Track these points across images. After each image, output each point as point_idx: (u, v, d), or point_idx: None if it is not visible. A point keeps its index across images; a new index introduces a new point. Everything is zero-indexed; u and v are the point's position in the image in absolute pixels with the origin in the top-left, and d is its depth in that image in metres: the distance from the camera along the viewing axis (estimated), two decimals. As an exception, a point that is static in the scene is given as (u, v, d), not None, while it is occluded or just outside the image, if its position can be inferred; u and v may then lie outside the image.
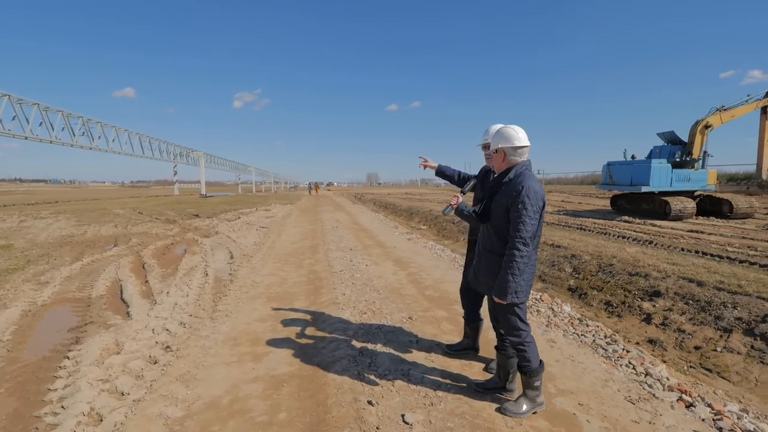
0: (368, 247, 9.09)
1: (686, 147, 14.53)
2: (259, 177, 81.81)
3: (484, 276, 2.54)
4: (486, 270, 2.51)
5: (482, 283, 2.58)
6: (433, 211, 17.09)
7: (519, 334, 2.47)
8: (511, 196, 2.34)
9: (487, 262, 2.51)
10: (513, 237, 2.31)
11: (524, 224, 2.28)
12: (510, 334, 2.50)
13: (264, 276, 6.42)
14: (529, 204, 2.29)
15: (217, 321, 4.39)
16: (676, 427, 2.40)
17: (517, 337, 2.48)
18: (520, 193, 2.31)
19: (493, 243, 2.47)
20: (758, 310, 4.84)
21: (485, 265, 2.52)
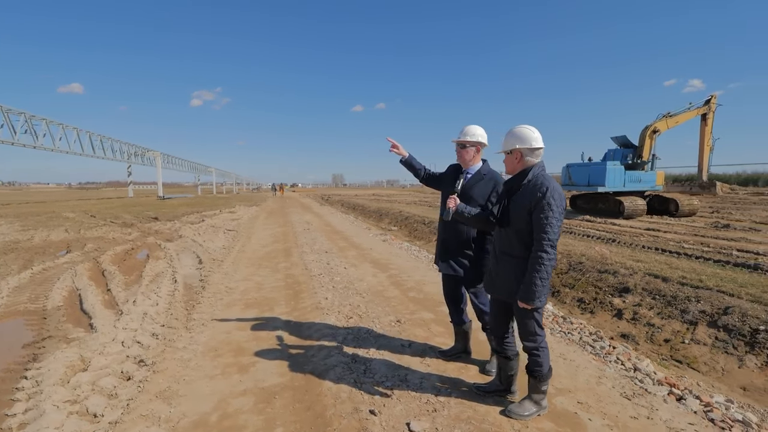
0: (344, 249, 8.93)
1: (637, 150, 15.69)
2: (219, 178, 79.12)
3: (503, 280, 2.46)
4: (506, 274, 2.43)
5: (500, 288, 2.49)
6: (403, 212, 17.13)
7: (535, 339, 2.43)
8: (534, 198, 2.27)
9: (507, 266, 2.43)
10: (540, 240, 2.24)
11: (552, 227, 2.22)
12: (526, 338, 2.45)
13: (238, 281, 6.14)
14: (555, 206, 2.24)
15: (193, 331, 4.13)
16: (673, 420, 2.48)
17: (534, 342, 2.44)
18: (545, 195, 2.24)
19: (513, 246, 2.39)
20: (719, 303, 5.12)
21: (505, 269, 2.44)
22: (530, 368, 2.50)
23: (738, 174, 35.18)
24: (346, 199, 32.70)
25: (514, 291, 2.37)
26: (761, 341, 4.27)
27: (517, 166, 2.44)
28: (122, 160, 37.81)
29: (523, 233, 2.34)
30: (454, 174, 3.12)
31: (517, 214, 2.35)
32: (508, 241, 2.43)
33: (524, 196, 2.33)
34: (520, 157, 2.41)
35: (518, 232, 2.36)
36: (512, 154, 2.45)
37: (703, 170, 21.57)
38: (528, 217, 2.30)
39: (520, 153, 2.41)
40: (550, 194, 2.24)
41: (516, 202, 2.37)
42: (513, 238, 2.39)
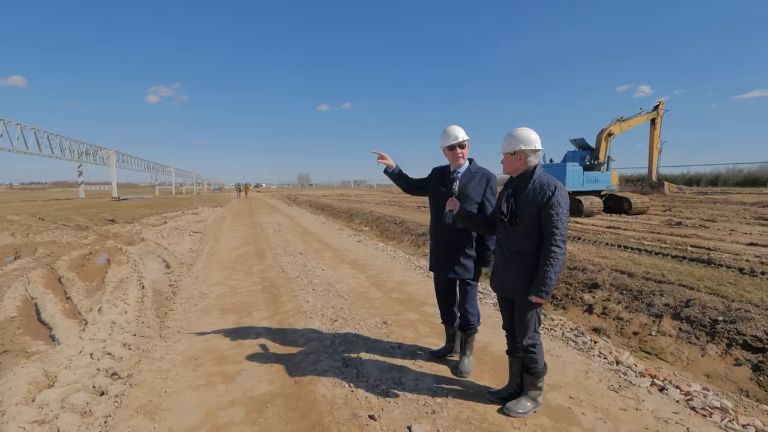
0: (318, 250, 8.79)
1: (594, 152, 16.73)
2: (179, 178, 75.84)
3: (513, 279, 2.47)
4: (517, 273, 2.45)
5: (511, 287, 2.50)
6: (374, 213, 17.10)
7: (534, 336, 2.49)
8: (544, 197, 2.33)
9: (517, 266, 2.45)
10: (551, 236, 2.31)
11: (562, 222, 2.30)
12: (524, 335, 2.49)
13: (212, 286, 5.89)
14: (564, 203, 2.33)
15: (169, 339, 3.91)
16: (659, 410, 2.60)
17: (532, 339, 2.49)
18: (554, 193, 2.32)
19: (523, 245, 2.43)
20: (681, 296, 5.43)
21: (515, 269, 2.46)
22: (526, 365, 2.55)
23: (683, 174, 37.86)
24: (314, 200, 32.29)
25: (525, 288, 2.41)
26: (720, 331, 4.55)
27: (520, 166, 2.49)
28: (72, 159, 35.44)
29: (533, 231, 2.39)
30: (441, 176, 3.12)
31: (526, 213, 2.39)
32: (518, 241, 2.45)
33: (532, 195, 2.39)
34: (524, 159, 2.47)
35: (528, 230, 2.40)
36: (515, 155, 2.49)
37: (652, 171, 23.14)
38: (537, 216, 2.36)
39: (524, 154, 2.46)
40: (559, 192, 2.33)
41: (524, 201, 2.42)
42: (523, 237, 2.43)
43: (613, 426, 2.43)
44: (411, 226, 12.45)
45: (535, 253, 2.39)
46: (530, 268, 2.40)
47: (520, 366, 2.66)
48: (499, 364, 3.26)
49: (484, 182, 2.98)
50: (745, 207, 15.82)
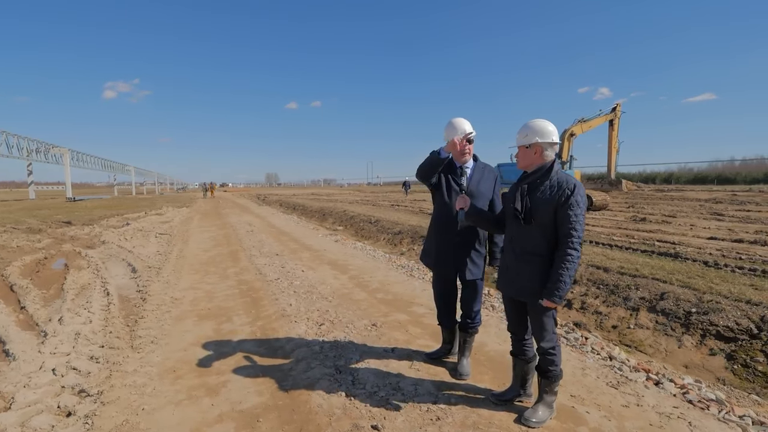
0: (295, 251, 8.53)
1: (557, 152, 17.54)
2: (139, 178, 72.34)
3: (526, 281, 2.33)
4: (529, 274, 2.31)
5: (522, 289, 2.37)
6: (348, 212, 16.89)
7: (552, 338, 2.38)
8: (563, 196, 2.19)
9: (529, 266, 2.31)
10: (569, 237, 2.18)
11: (580, 224, 2.17)
12: (543, 338, 2.38)
13: (184, 291, 5.56)
14: (583, 204, 2.19)
15: (142, 350, 3.61)
16: (659, 405, 2.61)
17: (550, 342, 2.38)
18: (573, 192, 2.18)
19: (538, 245, 2.29)
20: (655, 289, 5.60)
21: (528, 270, 2.32)
22: (544, 369, 2.42)
23: (640, 173, 39.92)
24: (284, 199, 31.62)
25: (538, 291, 2.28)
26: (694, 322, 4.71)
27: (535, 160, 2.34)
28: (20, 157, 33.02)
29: (547, 231, 2.26)
30: (449, 169, 2.97)
31: (542, 211, 2.25)
32: (531, 240, 2.31)
33: (549, 193, 2.25)
34: (540, 152, 2.32)
35: (542, 229, 2.27)
36: (530, 148, 2.34)
37: (611, 169, 24.29)
38: (553, 215, 2.23)
39: (541, 148, 2.32)
40: (578, 191, 2.19)
41: (540, 199, 2.27)
42: (537, 236, 2.29)
43: (618, 423, 2.41)
44: (386, 224, 12.36)
45: (549, 253, 2.27)
46: (543, 270, 2.27)
47: (525, 368, 2.59)
48: (496, 365, 3.20)
49: (493, 178, 2.91)
50: (700, 203, 16.77)
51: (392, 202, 23.47)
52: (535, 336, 2.44)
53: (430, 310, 4.53)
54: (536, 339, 2.43)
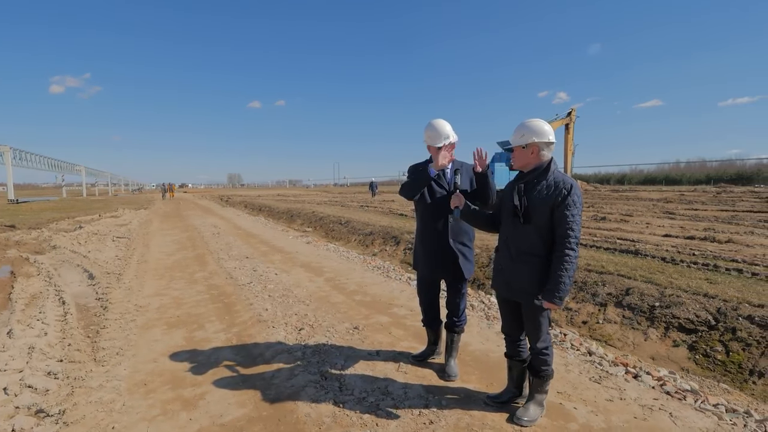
0: (266, 253, 8.28)
1: None
2: (90, 178, 68.05)
3: (523, 282, 2.31)
4: (526, 275, 2.29)
5: (519, 289, 2.35)
6: (317, 213, 16.65)
7: (546, 338, 2.39)
8: (560, 196, 2.18)
9: (526, 267, 2.29)
10: (566, 238, 2.16)
11: (577, 224, 2.17)
12: (538, 339, 2.38)
13: (149, 297, 5.24)
14: (579, 203, 2.19)
15: (107, 363, 3.35)
16: (641, 398, 2.70)
17: (544, 342, 2.38)
18: (570, 192, 2.17)
19: (535, 245, 2.27)
20: (621, 285, 5.84)
21: (525, 270, 2.30)
22: (536, 369, 2.43)
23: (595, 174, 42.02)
24: (249, 200, 30.76)
25: (535, 292, 2.26)
26: (658, 316, 4.95)
27: (532, 160, 2.33)
28: (-47, 155, 30.22)
29: (543, 231, 2.25)
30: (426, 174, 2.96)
31: (539, 211, 2.24)
32: (528, 241, 2.29)
33: (546, 193, 2.24)
34: (537, 152, 2.31)
35: (539, 229, 2.25)
36: (527, 148, 2.33)
37: (567, 171, 25.47)
38: (550, 215, 2.22)
39: (538, 147, 2.30)
40: (575, 191, 2.19)
41: (537, 198, 2.26)
42: (533, 236, 2.27)
43: (605, 418, 2.47)
44: (357, 225, 12.27)
45: (545, 254, 2.25)
46: (540, 270, 2.25)
47: (520, 369, 2.59)
48: (481, 365, 3.21)
49: (470, 172, 2.90)
50: (653, 203, 17.81)
51: (361, 203, 23.36)
52: (529, 336, 2.44)
53: (411, 312, 4.50)
54: (530, 339, 2.43)
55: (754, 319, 4.21)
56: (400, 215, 14.89)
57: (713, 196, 21.24)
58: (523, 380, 2.62)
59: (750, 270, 5.92)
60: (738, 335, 4.12)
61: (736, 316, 4.35)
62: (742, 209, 14.11)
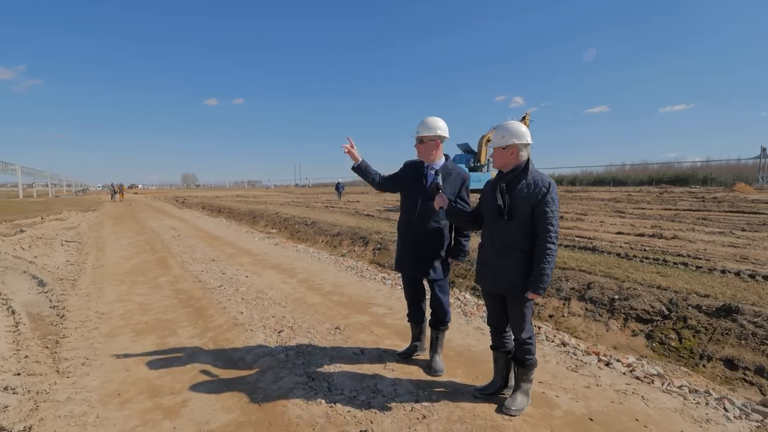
0: (233, 256, 8.02)
1: (476, 155, 19.18)
2: (27, 178, 62.67)
3: (507, 275, 2.43)
4: (511, 268, 2.42)
5: (503, 283, 2.47)
6: (280, 214, 16.35)
7: (529, 329, 2.51)
8: (540, 194, 2.33)
9: (511, 261, 2.42)
10: (546, 233, 2.33)
11: (556, 220, 2.33)
12: (521, 330, 2.50)
13: (111, 304, 4.93)
14: (556, 200, 2.36)
15: (72, 374, 3.13)
16: (615, 383, 2.89)
17: (528, 333, 2.50)
18: (549, 191, 2.33)
19: (518, 241, 2.40)
20: (583, 280, 6.17)
21: (509, 264, 2.42)
22: (521, 358, 2.55)
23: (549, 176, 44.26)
24: (207, 202, 29.62)
25: (520, 284, 2.39)
26: (618, 308, 5.28)
27: (511, 160, 2.47)
28: None
29: (526, 227, 2.39)
30: (415, 172, 3.02)
31: (520, 209, 2.37)
32: (512, 237, 2.43)
33: (527, 191, 2.37)
34: (516, 153, 2.45)
35: (522, 225, 2.39)
36: (507, 149, 2.47)
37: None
38: (530, 212, 2.36)
39: (516, 149, 2.44)
40: (553, 189, 2.35)
41: (518, 197, 2.39)
42: (517, 232, 2.41)
43: (586, 404, 2.62)
44: (324, 226, 12.16)
45: (529, 248, 2.39)
46: (524, 264, 2.39)
47: (505, 361, 2.69)
48: (465, 359, 3.30)
49: (459, 180, 2.96)
50: (604, 202, 18.95)
51: (326, 203, 23.16)
52: (513, 327, 2.56)
53: (390, 310, 4.54)
54: (514, 330, 2.56)
55: (702, 308, 4.60)
56: (367, 216, 14.92)
57: (657, 195, 22.93)
58: (508, 371, 2.73)
59: (694, 264, 6.45)
60: (689, 323, 4.48)
61: (686, 306, 4.73)
62: (682, 208, 15.34)
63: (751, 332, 4.01)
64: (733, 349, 4.00)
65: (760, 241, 8.20)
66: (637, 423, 2.41)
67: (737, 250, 7.34)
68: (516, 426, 2.38)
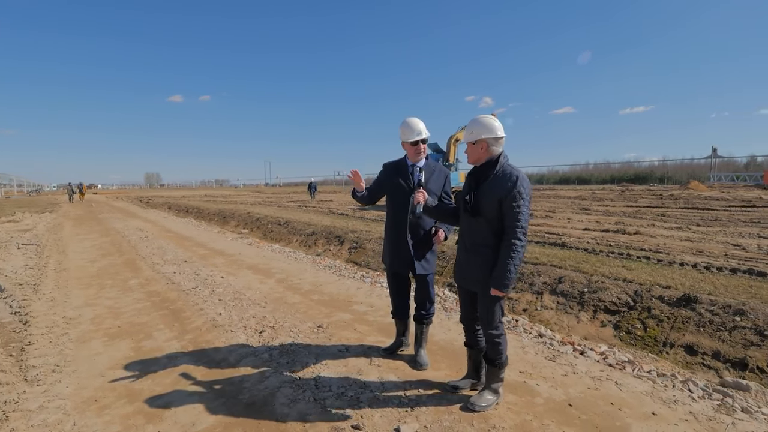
0: (206, 256, 7.82)
1: (445, 155, 19.47)
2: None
3: (476, 271, 2.42)
4: (479, 265, 2.40)
5: (473, 279, 2.46)
6: (252, 214, 16.04)
7: (498, 326, 2.47)
8: (505, 188, 2.27)
9: (480, 258, 2.39)
10: (513, 228, 2.26)
11: (523, 215, 2.25)
12: (491, 326, 2.45)
13: (79, 308, 4.72)
14: (525, 194, 2.28)
15: (43, 382, 2.99)
16: (590, 371, 3.04)
17: (497, 329, 2.46)
18: (516, 184, 2.26)
19: (486, 237, 2.37)
20: (554, 274, 6.41)
21: (478, 260, 2.40)
22: (491, 356, 2.52)
23: (518, 175, 45.55)
24: (174, 201, 28.63)
25: (487, 281, 2.35)
26: (587, 300, 5.53)
27: (483, 155, 2.43)
28: None
29: (494, 222, 2.35)
30: (397, 172, 3.06)
31: (487, 204, 2.34)
32: (480, 232, 2.40)
33: (495, 185, 2.33)
34: (486, 147, 2.40)
35: (489, 221, 2.36)
36: (477, 144, 2.42)
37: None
38: (498, 207, 2.31)
39: (486, 143, 2.39)
40: (521, 183, 2.28)
41: (486, 191, 2.36)
42: (485, 228, 2.38)
43: (564, 391, 2.75)
44: (298, 226, 12.04)
45: (497, 244, 2.34)
46: (492, 260, 2.34)
47: (478, 358, 2.70)
48: (448, 353, 3.38)
49: (443, 177, 3.02)
50: (570, 200, 19.70)
51: (298, 203, 22.91)
52: (482, 323, 2.53)
53: (372, 307, 4.58)
54: (483, 326, 2.52)
55: (664, 298, 4.88)
56: (341, 215, 14.88)
57: (619, 193, 24.04)
58: (481, 368, 2.72)
59: (655, 257, 6.84)
60: (653, 313, 4.75)
61: (650, 297, 5.00)
62: (643, 205, 16.17)
63: (708, 320, 4.30)
64: (692, 336, 4.28)
65: (713, 235, 8.78)
66: (612, 406, 2.56)
67: (693, 244, 7.82)
68: (501, 414, 2.47)
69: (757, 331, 3.88)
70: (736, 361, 3.74)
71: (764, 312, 4.08)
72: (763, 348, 3.75)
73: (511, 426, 2.35)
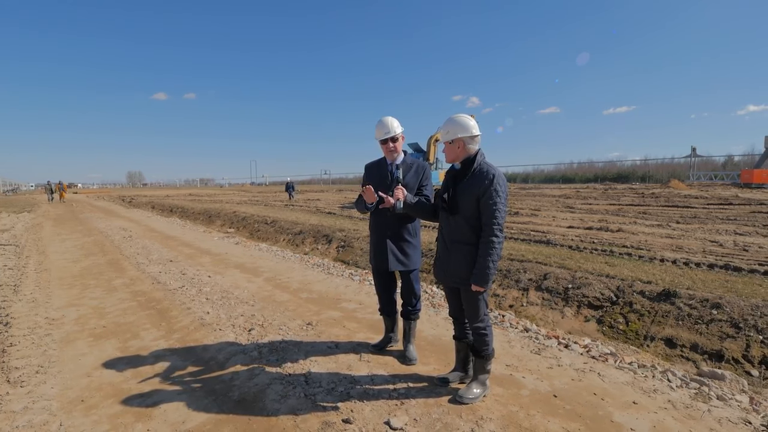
0: (192, 256, 7.73)
1: (425, 154, 19.59)
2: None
3: (456, 268, 2.46)
4: (459, 262, 2.44)
5: (454, 276, 2.49)
6: (238, 213, 15.89)
7: (484, 319, 2.52)
8: (482, 186, 2.32)
9: (459, 254, 2.44)
10: (490, 225, 2.31)
11: (500, 211, 2.30)
12: (476, 320, 2.51)
13: (62, 309, 4.63)
14: (502, 191, 2.33)
15: (26, 384, 2.94)
16: (574, 363, 3.13)
17: (482, 323, 2.52)
18: (492, 182, 2.30)
19: (465, 234, 2.42)
20: (539, 271, 6.52)
21: (458, 257, 2.45)
22: (477, 349, 2.58)
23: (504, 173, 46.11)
24: (158, 201, 28.14)
25: (468, 277, 2.40)
26: (571, 296, 5.65)
27: (460, 154, 2.46)
28: None
29: (472, 220, 2.39)
30: (380, 171, 3.10)
31: (465, 202, 2.38)
32: (458, 230, 2.44)
33: (472, 183, 2.37)
34: (463, 146, 2.43)
35: (467, 219, 2.40)
36: (454, 143, 2.45)
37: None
38: (476, 204, 2.35)
39: (463, 142, 2.43)
40: (497, 181, 2.32)
41: (463, 189, 2.40)
42: (463, 225, 2.42)
43: (549, 383, 2.82)
44: (285, 225, 11.99)
45: (476, 241, 2.39)
46: (472, 257, 2.39)
47: (466, 351, 2.75)
48: (437, 348, 3.43)
49: (421, 173, 3.04)
50: (555, 198, 20.01)
51: (285, 202, 22.77)
52: (468, 317, 2.59)
53: (360, 305, 4.60)
54: (469, 320, 2.59)
55: (645, 293, 5.03)
56: (329, 213, 14.85)
57: (602, 192, 24.50)
58: (469, 362, 2.78)
59: (637, 254, 7.02)
60: (634, 308, 4.88)
61: (631, 292, 5.14)
62: (625, 203, 16.52)
63: (687, 314, 4.45)
64: (672, 330, 4.42)
65: (692, 232, 9.05)
66: (595, 396, 2.65)
67: (673, 241, 8.05)
68: (488, 406, 2.53)
69: (732, 324, 4.03)
70: (713, 352, 3.88)
71: (739, 306, 4.24)
72: (738, 340, 3.90)
73: (498, 417, 2.41)
